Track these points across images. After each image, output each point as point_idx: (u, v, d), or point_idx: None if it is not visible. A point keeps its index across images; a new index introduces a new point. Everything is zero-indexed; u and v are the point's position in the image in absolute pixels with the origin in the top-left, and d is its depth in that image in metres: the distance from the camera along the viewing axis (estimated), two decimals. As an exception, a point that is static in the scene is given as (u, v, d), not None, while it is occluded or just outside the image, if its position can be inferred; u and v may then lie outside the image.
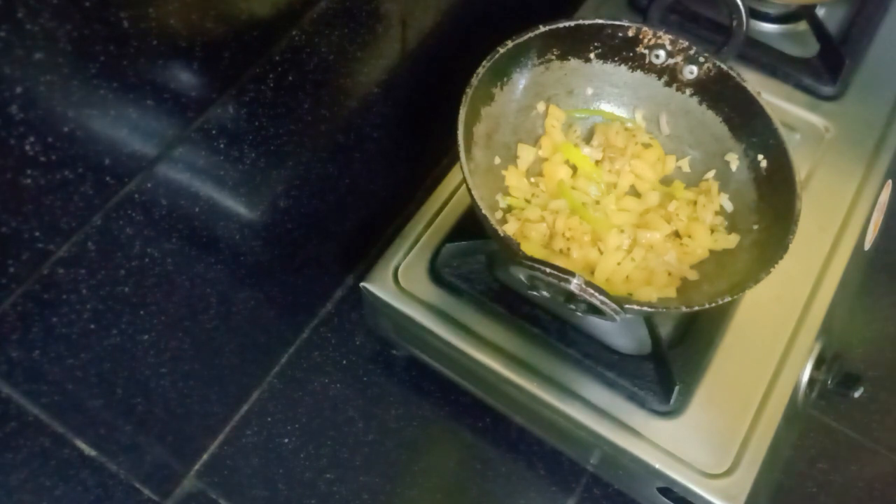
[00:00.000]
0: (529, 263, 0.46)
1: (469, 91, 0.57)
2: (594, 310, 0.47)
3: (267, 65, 0.46)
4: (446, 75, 0.62)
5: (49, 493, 0.52)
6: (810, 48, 0.77)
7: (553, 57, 0.65)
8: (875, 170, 0.71)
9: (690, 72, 0.63)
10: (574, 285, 0.45)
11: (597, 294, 0.46)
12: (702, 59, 0.62)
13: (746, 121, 0.60)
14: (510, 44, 0.60)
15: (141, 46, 0.36)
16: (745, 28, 0.61)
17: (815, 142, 0.72)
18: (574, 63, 0.66)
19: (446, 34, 0.66)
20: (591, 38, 0.64)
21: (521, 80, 0.64)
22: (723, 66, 0.61)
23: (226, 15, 0.41)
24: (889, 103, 0.76)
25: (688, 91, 0.64)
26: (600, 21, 0.63)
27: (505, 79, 0.63)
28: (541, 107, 0.65)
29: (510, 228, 0.60)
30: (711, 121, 0.64)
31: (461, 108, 0.56)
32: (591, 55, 0.65)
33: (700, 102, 0.64)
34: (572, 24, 0.63)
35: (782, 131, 0.58)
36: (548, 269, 0.46)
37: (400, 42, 0.60)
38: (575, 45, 0.64)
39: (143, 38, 0.36)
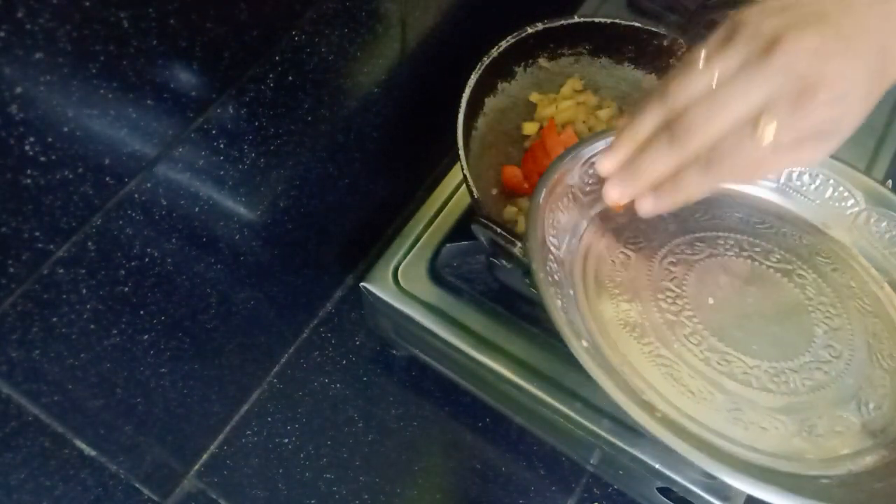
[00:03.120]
0: (485, 222, 0.49)
1: (486, 60, 0.58)
2: None
3: (267, 65, 0.46)
4: (446, 75, 0.62)
5: (49, 493, 0.52)
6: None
7: (584, 51, 0.65)
8: (875, 170, 0.71)
9: None
10: (518, 249, 0.48)
11: None
12: None
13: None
14: (540, 26, 0.61)
15: (141, 46, 0.36)
16: None
17: (815, 142, 0.72)
18: (605, 61, 0.66)
19: (446, 34, 0.66)
20: (627, 40, 0.64)
21: (546, 65, 0.65)
22: None
23: (226, 15, 0.41)
24: (889, 103, 0.76)
25: None
26: (637, 24, 0.63)
27: (530, 60, 0.65)
28: (566, 90, 0.66)
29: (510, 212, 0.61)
30: None
31: (473, 74, 0.58)
32: (625, 57, 0.66)
33: None
34: (608, 21, 0.63)
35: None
36: (498, 231, 0.49)
37: (400, 42, 0.60)
38: (609, 43, 0.65)
39: (143, 38, 0.36)
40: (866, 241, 0.54)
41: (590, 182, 0.51)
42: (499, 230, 0.48)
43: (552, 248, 0.47)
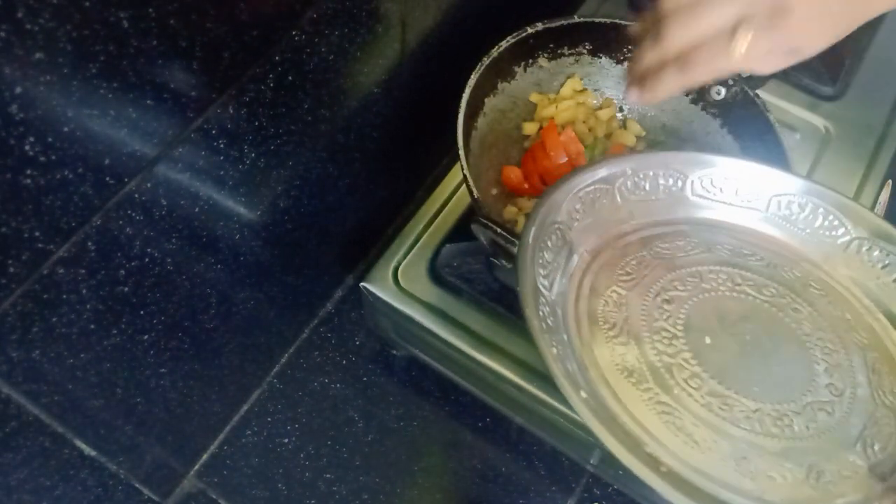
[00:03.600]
0: (485, 222, 0.49)
1: (486, 60, 0.58)
2: None
3: (267, 65, 0.46)
4: (446, 75, 0.62)
5: (49, 493, 0.52)
6: (810, 48, 0.77)
7: (584, 51, 0.65)
8: (875, 170, 0.71)
9: (717, 92, 0.62)
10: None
11: None
12: (731, 82, 0.62)
13: (764, 154, 0.60)
14: (540, 26, 0.61)
15: (141, 46, 0.36)
16: None
17: (815, 142, 0.72)
18: (605, 61, 0.66)
19: (446, 34, 0.66)
20: (626, 40, 0.64)
21: (546, 65, 0.66)
22: (750, 92, 0.61)
23: (226, 15, 0.41)
24: (889, 103, 0.76)
25: (712, 112, 0.64)
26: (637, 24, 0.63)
27: (530, 60, 0.64)
28: (566, 90, 0.66)
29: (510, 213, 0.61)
30: (730, 147, 0.64)
31: (473, 75, 0.58)
32: (624, 58, 0.66)
33: (722, 126, 0.64)
34: (608, 21, 0.63)
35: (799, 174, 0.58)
36: (498, 230, 0.48)
37: (400, 42, 0.60)
38: (609, 43, 0.65)
39: (143, 38, 0.36)
40: (858, 270, 0.53)
41: (577, 217, 0.50)
42: (499, 230, 0.48)
43: (543, 289, 0.46)
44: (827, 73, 0.75)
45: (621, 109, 0.69)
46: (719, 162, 0.54)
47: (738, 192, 0.54)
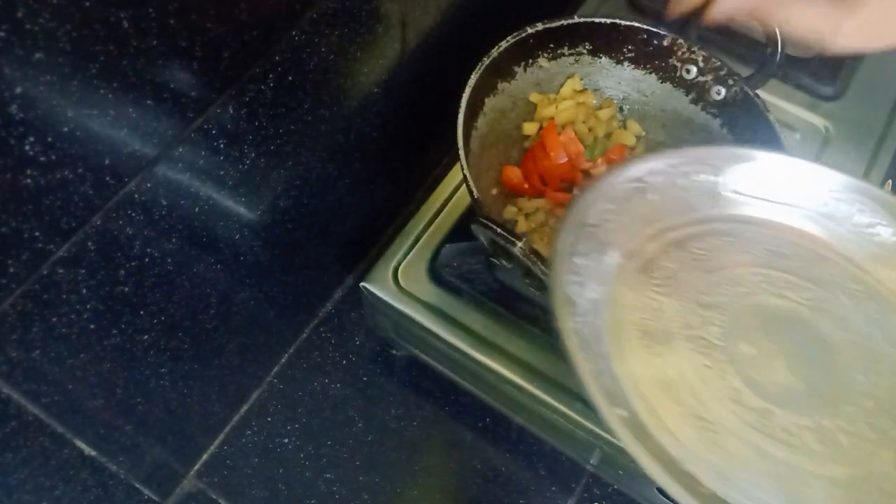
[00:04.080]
0: (485, 222, 0.48)
1: (486, 60, 0.58)
2: (542, 286, 0.47)
3: (267, 65, 0.46)
4: (446, 75, 0.62)
5: (49, 493, 0.52)
6: (810, 48, 0.77)
7: (584, 51, 0.65)
8: (875, 170, 0.71)
9: (718, 92, 0.63)
10: (518, 249, 0.46)
11: (539, 263, 0.46)
12: (731, 82, 0.61)
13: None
14: (540, 26, 0.61)
15: (141, 46, 0.36)
16: (778, 59, 0.60)
17: (815, 142, 0.72)
18: (605, 61, 0.66)
19: (446, 34, 0.66)
20: (626, 40, 0.64)
21: (546, 65, 0.65)
22: (750, 92, 0.61)
23: (226, 15, 0.41)
24: (889, 103, 0.76)
25: (712, 112, 0.64)
26: (637, 24, 0.63)
27: (530, 60, 0.64)
28: (566, 90, 0.66)
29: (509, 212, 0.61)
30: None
31: (473, 75, 0.58)
32: (624, 57, 0.65)
33: (722, 126, 0.64)
34: (608, 21, 0.63)
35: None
36: (498, 231, 0.47)
37: (400, 42, 0.60)
38: (609, 43, 0.65)
39: (143, 38, 0.36)
40: None
41: (609, 217, 0.48)
42: (499, 230, 0.48)
43: (575, 298, 0.43)
44: (827, 73, 0.75)
45: (621, 109, 0.69)
46: (756, 156, 0.52)
47: (775, 189, 0.52)
